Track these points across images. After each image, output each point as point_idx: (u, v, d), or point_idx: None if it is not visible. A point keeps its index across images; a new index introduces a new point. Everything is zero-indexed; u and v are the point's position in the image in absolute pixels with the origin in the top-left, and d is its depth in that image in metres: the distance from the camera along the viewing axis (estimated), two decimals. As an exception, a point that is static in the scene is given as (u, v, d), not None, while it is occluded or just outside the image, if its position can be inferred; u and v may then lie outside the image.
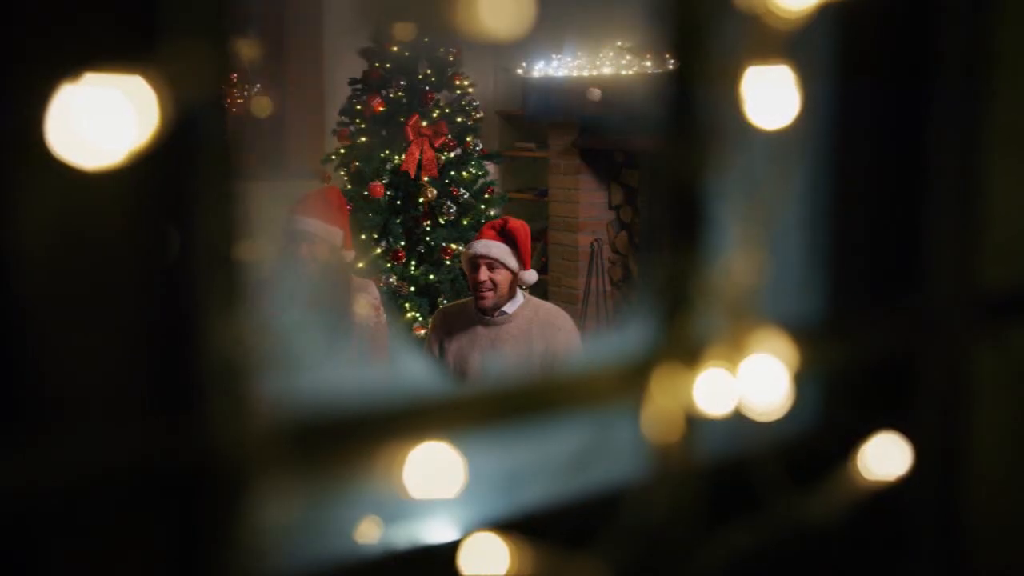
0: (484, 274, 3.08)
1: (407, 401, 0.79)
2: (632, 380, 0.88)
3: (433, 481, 0.71)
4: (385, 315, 3.19)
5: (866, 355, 1.06)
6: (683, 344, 0.88)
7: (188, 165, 0.60)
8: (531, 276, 3.20)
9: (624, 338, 0.94)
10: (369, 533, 1.00)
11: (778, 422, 0.90)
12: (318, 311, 2.96)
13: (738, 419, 0.85)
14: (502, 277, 3.10)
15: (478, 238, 3.20)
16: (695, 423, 0.86)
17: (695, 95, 0.88)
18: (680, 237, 0.90)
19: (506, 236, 3.16)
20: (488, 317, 3.11)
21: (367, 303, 3.15)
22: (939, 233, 1.10)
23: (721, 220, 0.88)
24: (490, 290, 3.08)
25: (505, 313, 3.11)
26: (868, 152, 1.11)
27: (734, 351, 0.86)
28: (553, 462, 1.09)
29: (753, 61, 0.81)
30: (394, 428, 0.76)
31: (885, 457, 0.94)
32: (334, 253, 3.18)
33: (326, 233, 3.13)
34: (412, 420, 0.77)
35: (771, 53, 0.80)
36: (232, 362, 0.69)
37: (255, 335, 0.74)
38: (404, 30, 4.67)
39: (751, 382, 0.84)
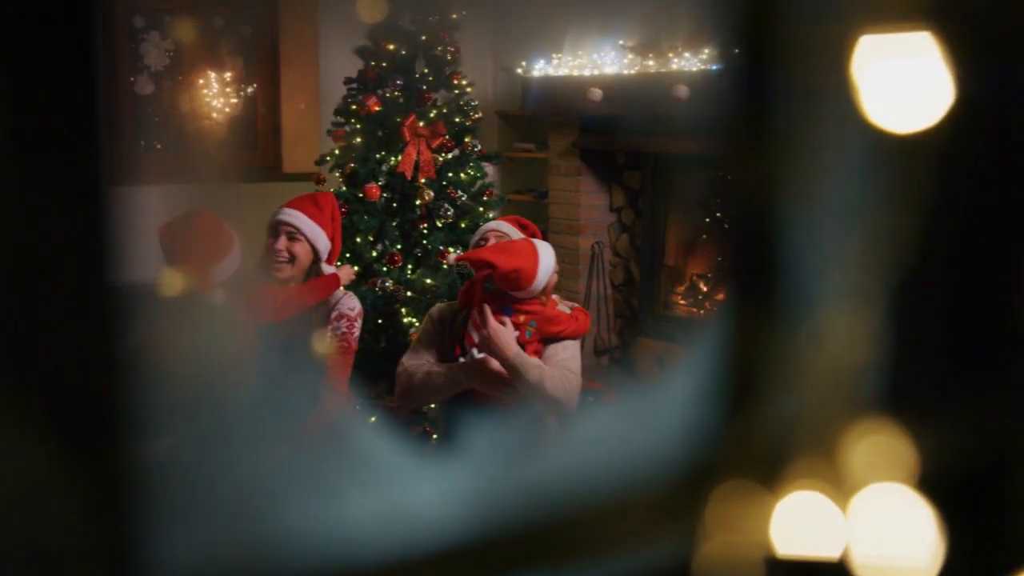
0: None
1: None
2: (679, 505, 0.57)
3: None
4: (357, 333, 2.79)
5: (959, 459, 0.74)
6: (755, 451, 0.57)
7: None
8: None
9: (663, 428, 0.63)
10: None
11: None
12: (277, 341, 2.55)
13: (844, 570, 0.54)
14: None
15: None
16: (775, 571, 0.55)
17: (771, 80, 0.56)
18: (748, 289, 0.59)
19: (522, 226, 3.05)
20: None
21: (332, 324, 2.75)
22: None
23: (810, 264, 0.57)
24: None
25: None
26: (961, 173, 0.79)
27: (835, 464, 0.55)
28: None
29: (871, 27, 0.50)
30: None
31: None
32: (314, 266, 2.79)
33: (311, 232, 2.74)
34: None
35: (904, 12, 0.49)
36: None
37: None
38: (371, 8, 4.32)
39: (869, 519, 0.52)
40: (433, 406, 3.66)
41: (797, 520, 0.53)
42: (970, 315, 0.64)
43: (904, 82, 0.50)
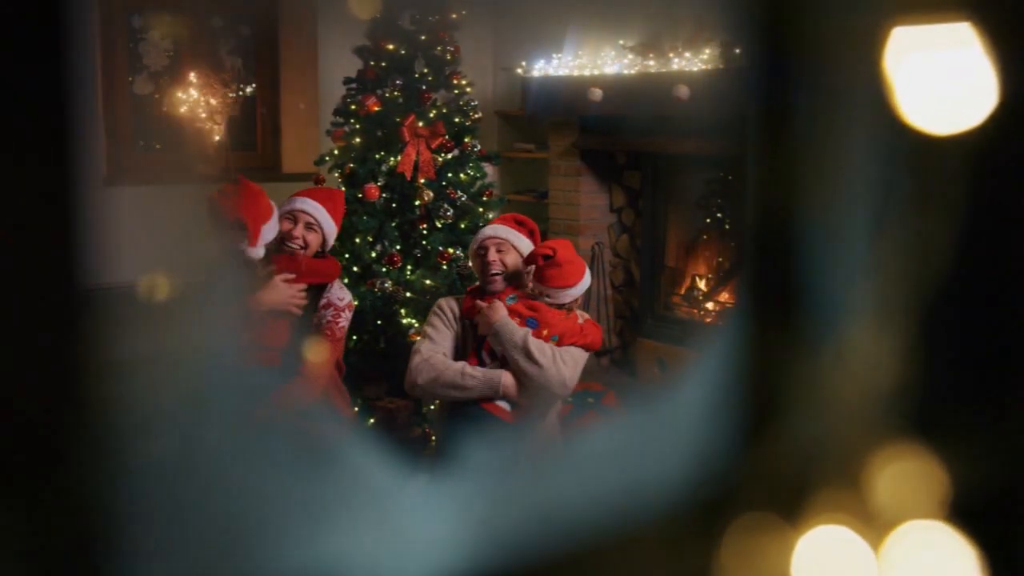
0: (493, 255, 2.95)
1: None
2: (693, 539, 0.52)
3: None
4: (344, 324, 2.90)
5: (992, 482, 0.69)
6: (775, 480, 0.52)
7: None
8: None
9: (674, 455, 0.58)
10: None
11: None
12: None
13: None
14: (512, 260, 2.98)
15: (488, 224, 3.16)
16: (797, 613, 0.50)
17: (792, 76, 0.51)
18: (766, 302, 0.54)
19: (519, 225, 3.08)
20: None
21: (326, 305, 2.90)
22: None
23: (833, 276, 0.53)
24: (499, 273, 2.95)
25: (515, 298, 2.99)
26: (1003, 179, 0.73)
27: (861, 495, 0.50)
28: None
29: (906, 17, 0.45)
30: None
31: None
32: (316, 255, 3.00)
33: (328, 227, 2.94)
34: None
35: (942, 1, 0.44)
36: None
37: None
38: (366, 2, 4.25)
39: (902, 557, 0.47)
40: (433, 407, 3.63)
41: (821, 556, 0.49)
42: (1005, 331, 0.59)
43: (942, 78, 0.45)
